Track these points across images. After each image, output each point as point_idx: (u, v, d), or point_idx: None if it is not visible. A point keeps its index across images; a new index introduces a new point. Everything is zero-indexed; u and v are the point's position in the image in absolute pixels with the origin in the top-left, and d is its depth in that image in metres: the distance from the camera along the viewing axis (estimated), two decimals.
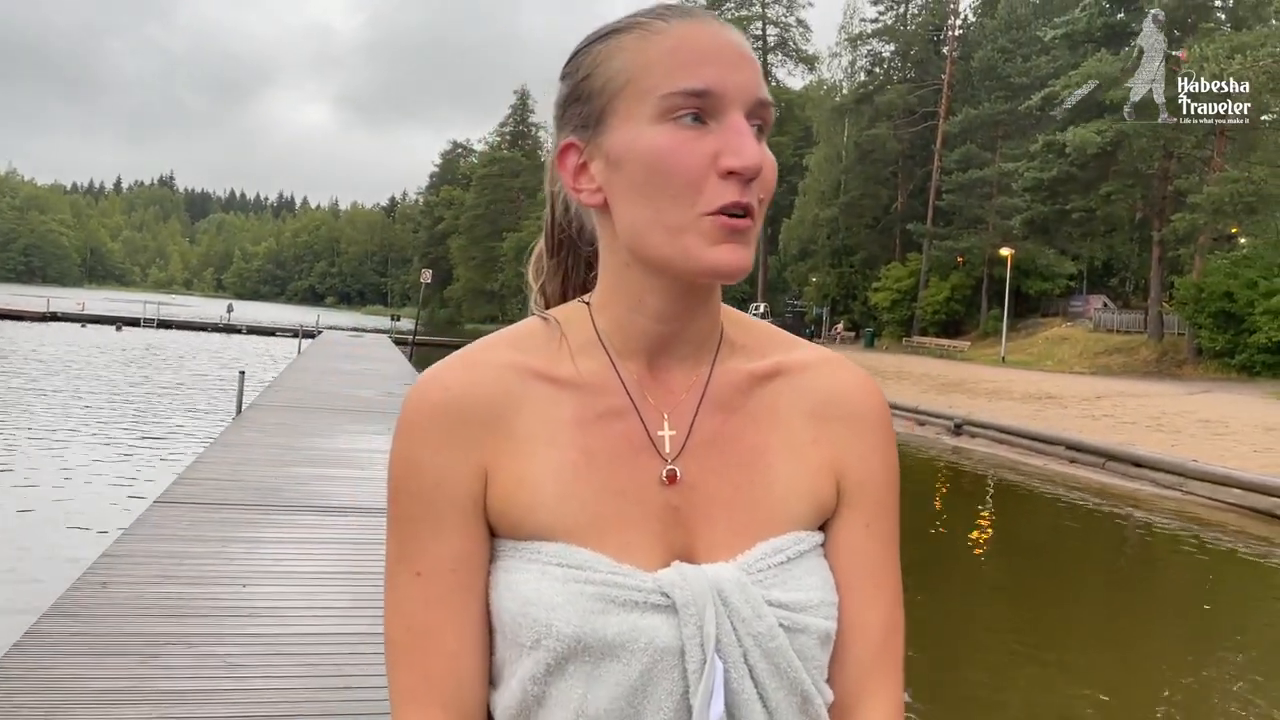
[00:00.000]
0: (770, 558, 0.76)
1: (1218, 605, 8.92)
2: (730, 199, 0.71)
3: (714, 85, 0.72)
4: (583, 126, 0.77)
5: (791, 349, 0.85)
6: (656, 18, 0.76)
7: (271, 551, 5.55)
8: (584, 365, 0.79)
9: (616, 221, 0.77)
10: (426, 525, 0.76)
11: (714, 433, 0.79)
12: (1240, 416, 18.28)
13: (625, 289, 0.79)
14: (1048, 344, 36.62)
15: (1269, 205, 27.57)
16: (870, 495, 0.83)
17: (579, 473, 0.76)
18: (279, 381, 16.67)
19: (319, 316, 56.43)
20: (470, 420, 0.76)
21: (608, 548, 0.74)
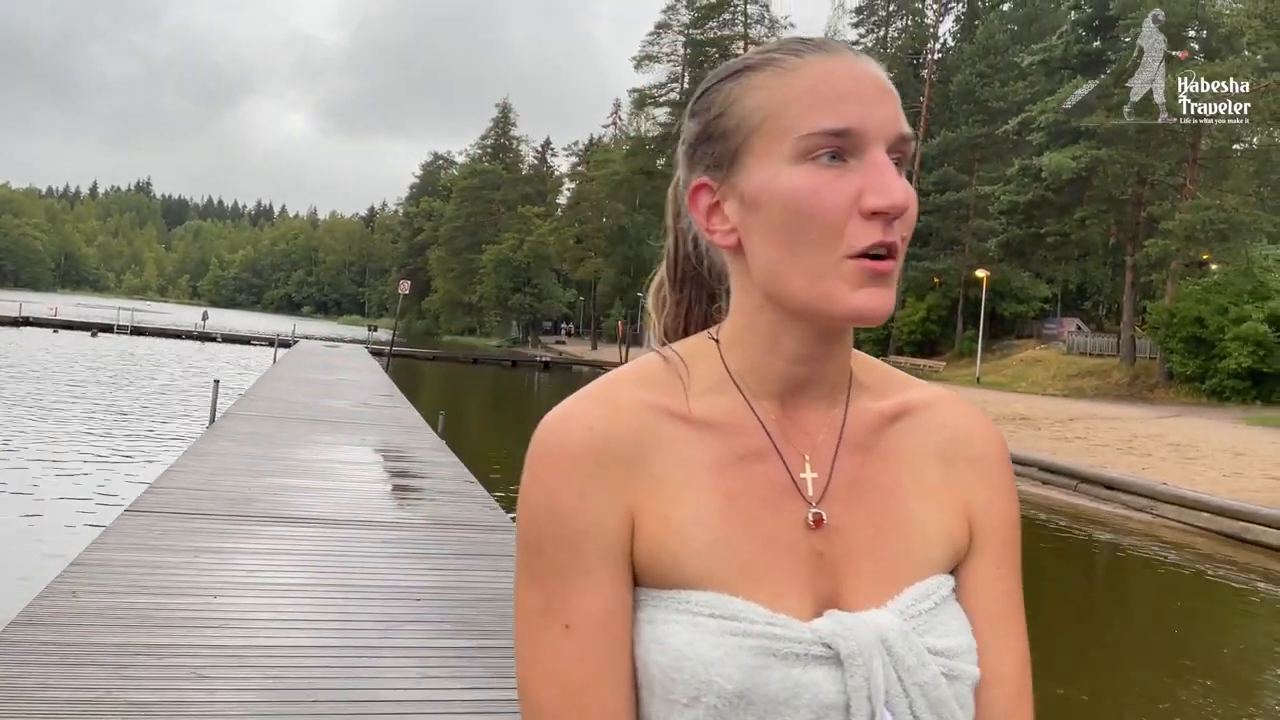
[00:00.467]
0: (920, 603, 0.74)
1: (1188, 628, 9.00)
2: (874, 240, 0.69)
3: (855, 123, 0.69)
4: (715, 166, 0.75)
5: (910, 387, 0.84)
6: (791, 53, 0.73)
7: (242, 562, 5.50)
8: (718, 404, 0.76)
9: (752, 263, 0.75)
10: (576, 575, 0.71)
11: (853, 475, 0.77)
12: (1210, 441, 18.50)
13: (760, 330, 0.76)
14: (1022, 365, 36.95)
15: (1239, 233, 28.01)
16: (997, 536, 0.81)
17: (724, 518, 0.73)
18: (253, 391, 16.54)
19: (295, 326, 56.12)
20: (615, 462, 0.73)
21: (760, 596, 0.71)
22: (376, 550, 6.11)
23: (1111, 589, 10.73)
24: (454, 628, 4.68)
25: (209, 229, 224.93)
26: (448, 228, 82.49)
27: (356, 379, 21.67)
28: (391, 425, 13.18)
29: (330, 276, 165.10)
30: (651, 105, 58.82)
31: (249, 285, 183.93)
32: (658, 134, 58.78)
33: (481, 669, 4.16)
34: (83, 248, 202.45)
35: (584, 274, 69.67)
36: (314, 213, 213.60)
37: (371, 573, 5.56)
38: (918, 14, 53.55)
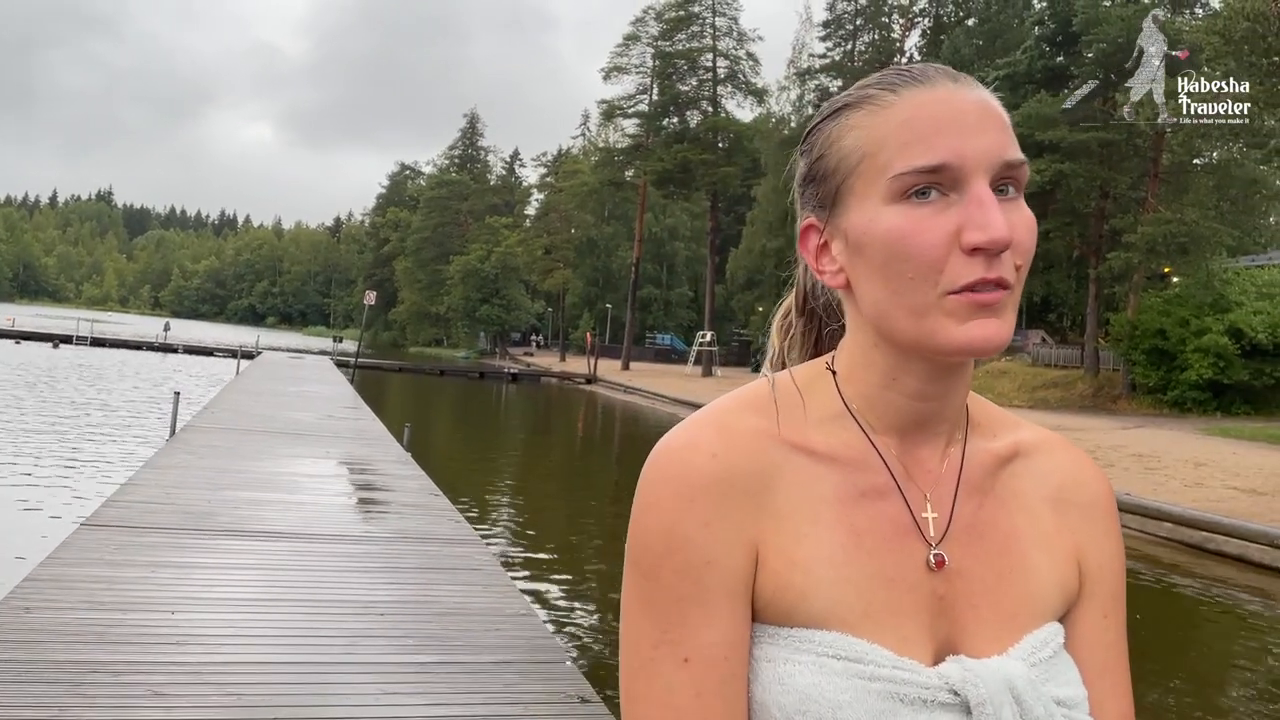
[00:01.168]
0: (1040, 651, 0.73)
1: (1151, 638, 9.07)
2: (976, 276, 0.67)
3: (950, 158, 0.68)
4: (820, 207, 0.76)
5: (1020, 427, 0.83)
6: (886, 89, 0.72)
7: (202, 577, 5.39)
8: (838, 437, 0.75)
9: (860, 302, 0.74)
10: (696, 607, 0.69)
11: (972, 516, 0.76)
12: (1172, 451, 18.75)
13: (876, 365, 0.75)
14: (988, 377, 37.30)
15: (1200, 246, 28.47)
16: (1106, 584, 0.81)
17: (850, 556, 0.71)
18: (216, 403, 16.32)
19: (259, 337, 55.51)
20: (740, 493, 0.71)
21: (885, 639, 0.69)
22: (339, 564, 6.02)
23: None
24: (418, 643, 4.60)
25: (171, 238, 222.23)
26: (415, 238, 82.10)
27: (321, 391, 21.45)
28: (356, 438, 13.05)
29: (295, 287, 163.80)
30: (620, 116, 58.85)
31: (212, 296, 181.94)
32: (626, 145, 58.85)
33: (445, 684, 4.09)
34: (41, 258, 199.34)
35: (552, 285, 69.57)
36: (279, 223, 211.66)
37: (334, 587, 5.48)
38: (885, 29, 54.09)
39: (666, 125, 55.42)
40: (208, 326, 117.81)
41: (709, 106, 54.34)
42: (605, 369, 49.59)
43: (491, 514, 12.32)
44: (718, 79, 54.72)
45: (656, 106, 55.97)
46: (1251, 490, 14.22)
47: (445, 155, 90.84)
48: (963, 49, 44.64)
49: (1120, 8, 32.47)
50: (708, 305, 52.73)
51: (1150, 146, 31.83)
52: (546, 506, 13.89)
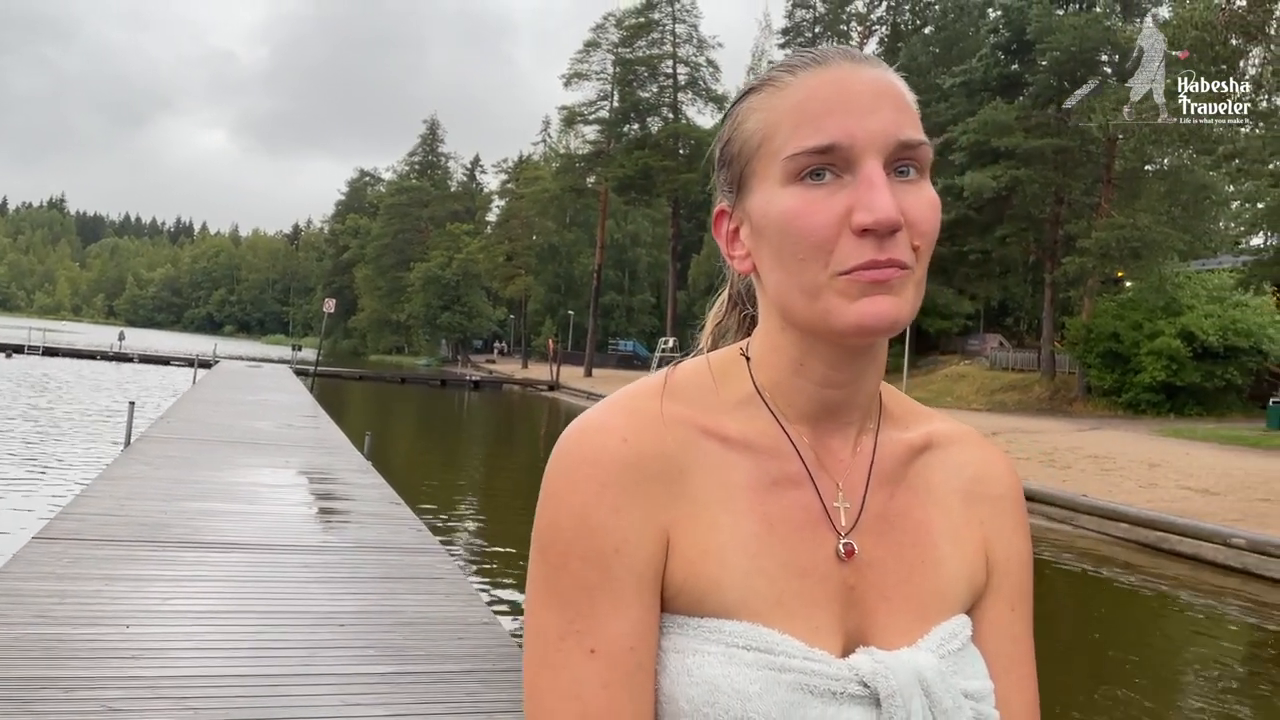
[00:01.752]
0: (949, 643, 0.73)
1: (1106, 635, 9.21)
2: (865, 259, 0.66)
3: (840, 138, 0.67)
4: (729, 192, 0.75)
5: (932, 419, 0.83)
6: (786, 70, 0.72)
7: (158, 589, 5.30)
8: (753, 425, 0.74)
9: (764, 286, 0.74)
10: (605, 596, 0.67)
11: (883, 506, 0.76)
12: (1127, 453, 19.05)
13: (784, 350, 0.75)
14: (947, 381, 37.72)
15: (1152, 251, 28.99)
16: (1012, 578, 0.81)
17: (762, 545, 0.70)
18: (172, 412, 16.06)
19: (216, 345, 54.73)
20: (652, 478, 0.69)
21: (796, 630, 0.68)
22: (298, 575, 5.94)
23: (1035, 600, 10.93)
24: (378, 653, 4.56)
25: (126, 246, 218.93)
26: (375, 245, 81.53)
27: (280, 400, 21.20)
28: (316, 446, 12.90)
29: (253, 295, 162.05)
30: (581, 123, 58.86)
31: (168, 304, 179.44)
32: (587, 152, 58.86)
33: (405, 695, 4.05)
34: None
35: (514, 292, 69.33)
36: (236, 230, 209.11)
37: (293, 598, 5.40)
38: (843, 36, 54.56)
39: (627, 131, 55.54)
40: (164, 335, 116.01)
41: (670, 113, 54.54)
42: (568, 376, 49.50)
43: (454, 522, 12.24)
44: (678, 85, 54.95)
45: (617, 113, 56.06)
46: (1204, 490, 14.49)
47: (405, 161, 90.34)
48: (920, 56, 45.17)
49: (1073, 17, 33.06)
50: (670, 311, 52.83)
51: (1103, 153, 32.39)
52: (509, 514, 13.82)
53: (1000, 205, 35.02)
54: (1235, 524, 11.69)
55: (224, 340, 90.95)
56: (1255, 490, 14.30)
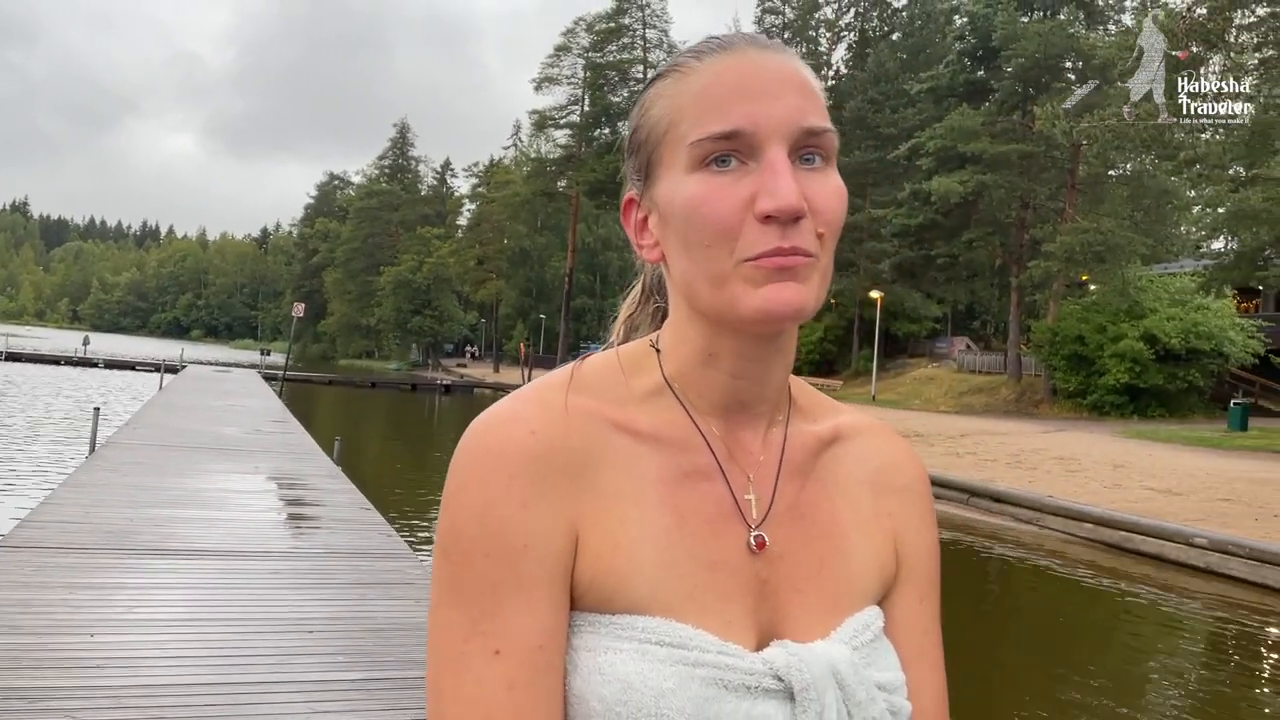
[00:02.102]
0: (861, 635, 0.73)
1: (1072, 634, 9.33)
2: (769, 246, 0.65)
3: (744, 124, 0.66)
4: (638, 180, 0.74)
5: (840, 411, 0.83)
6: (692, 56, 0.71)
7: (124, 598, 5.25)
8: (663, 417, 0.73)
9: (673, 276, 0.73)
10: (510, 593, 0.65)
11: (794, 499, 0.75)
12: (1092, 454, 19.30)
13: (692, 341, 0.73)
14: (915, 383, 38.02)
15: (1115, 255, 29.41)
16: (921, 568, 0.81)
17: (673, 539, 0.69)
18: (138, 418, 15.88)
19: (183, 350, 54.14)
20: (561, 472, 0.67)
21: (709, 624, 0.67)
22: (267, 581, 5.91)
23: (1001, 598, 11.07)
24: (348, 660, 4.55)
25: (91, 250, 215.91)
26: (344, 249, 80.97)
27: (248, 405, 21.02)
28: (285, 452, 12.81)
29: (221, 299, 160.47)
30: (552, 127, 58.90)
31: (134, 309, 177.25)
32: (558, 156, 58.85)
33: (375, 702, 4.05)
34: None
35: (485, 296, 69.15)
36: (203, 234, 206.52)
37: (262, 605, 5.37)
38: (812, 42, 54.93)
39: (598, 136, 55.60)
40: (129, 340, 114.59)
41: None
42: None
43: (424, 527, 12.19)
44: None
45: (588, 117, 56.10)
46: (1167, 490, 14.71)
47: (375, 165, 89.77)
48: (887, 62, 45.56)
49: (1037, 24, 33.46)
50: None
51: (1067, 158, 32.81)
52: None
53: (967, 210, 35.41)
54: (1197, 524, 11.88)
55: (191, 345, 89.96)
56: (1217, 490, 14.53)
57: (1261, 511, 12.75)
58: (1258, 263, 25.21)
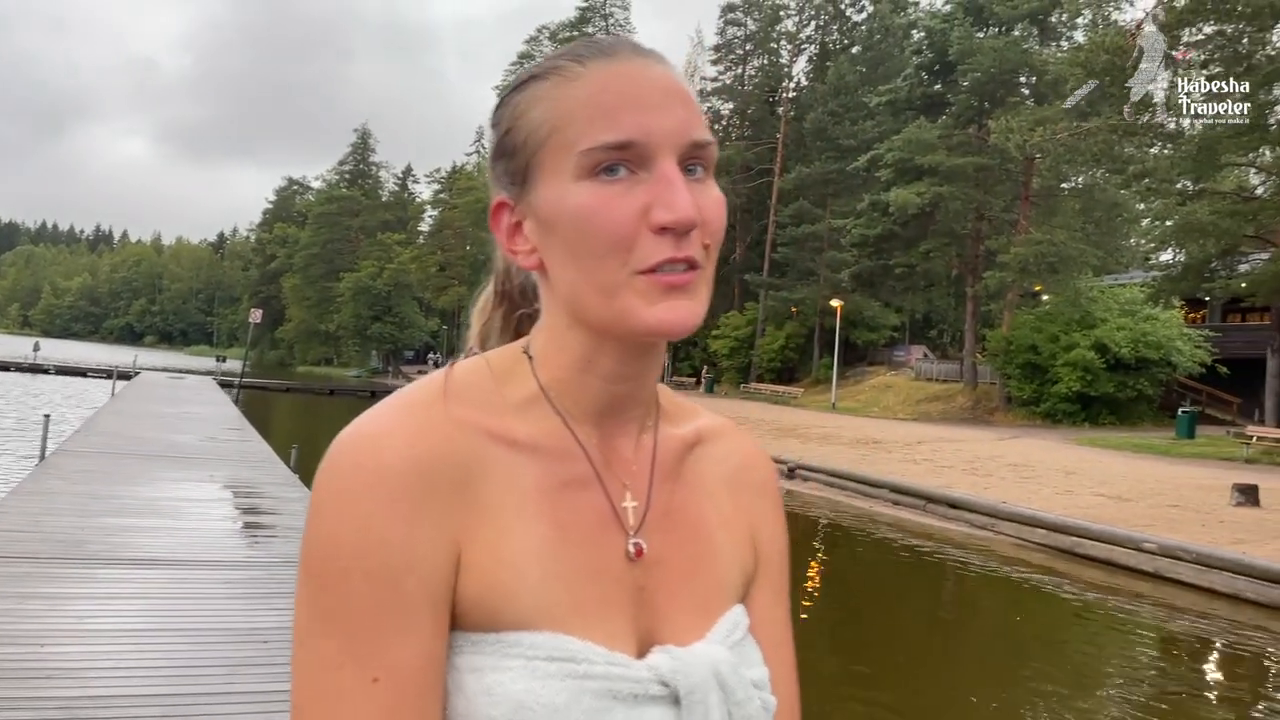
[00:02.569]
0: (733, 634, 0.73)
1: (1024, 637, 9.49)
2: (664, 256, 0.65)
3: (636, 135, 0.66)
4: (511, 184, 0.72)
5: (698, 414, 0.83)
6: (574, 60, 0.69)
7: (74, 608, 5.18)
8: (539, 426, 0.71)
9: (554, 283, 0.71)
10: (391, 617, 0.61)
11: (666, 504, 0.75)
12: (1045, 461, 19.62)
13: (570, 349, 0.72)
14: (874, 391, 38.37)
15: (1068, 266, 29.93)
16: (774, 564, 0.82)
17: (556, 550, 0.67)
18: (90, 425, 15.63)
19: (137, 357, 53.21)
20: (442, 486, 0.65)
21: (595, 635, 0.66)
22: (221, 591, 5.86)
23: (956, 602, 11.22)
24: None
25: (42, 254, 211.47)
26: (303, 255, 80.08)
27: (203, 412, 20.74)
28: (240, 460, 12.68)
29: (176, 305, 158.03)
30: None
31: (86, 314, 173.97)
32: None
33: None
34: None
35: (447, 302, 68.75)
36: (158, 238, 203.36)
37: (215, 615, 5.33)
38: (773, 54, 55.40)
39: None
40: (81, 346, 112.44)
41: None
42: None
43: None
44: None
45: None
46: (1117, 496, 15.00)
47: (335, 170, 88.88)
48: (847, 75, 46.04)
49: (992, 40, 34.00)
50: None
51: (1021, 171, 33.35)
52: None
53: (924, 221, 35.87)
54: (1146, 529, 12.13)
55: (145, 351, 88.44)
56: (1165, 496, 14.85)
57: (1208, 518, 13.05)
58: (1204, 275, 25.77)
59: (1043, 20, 34.57)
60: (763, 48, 55.24)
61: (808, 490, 18.42)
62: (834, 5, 52.46)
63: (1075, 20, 32.00)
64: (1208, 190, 24.33)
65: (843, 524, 15.11)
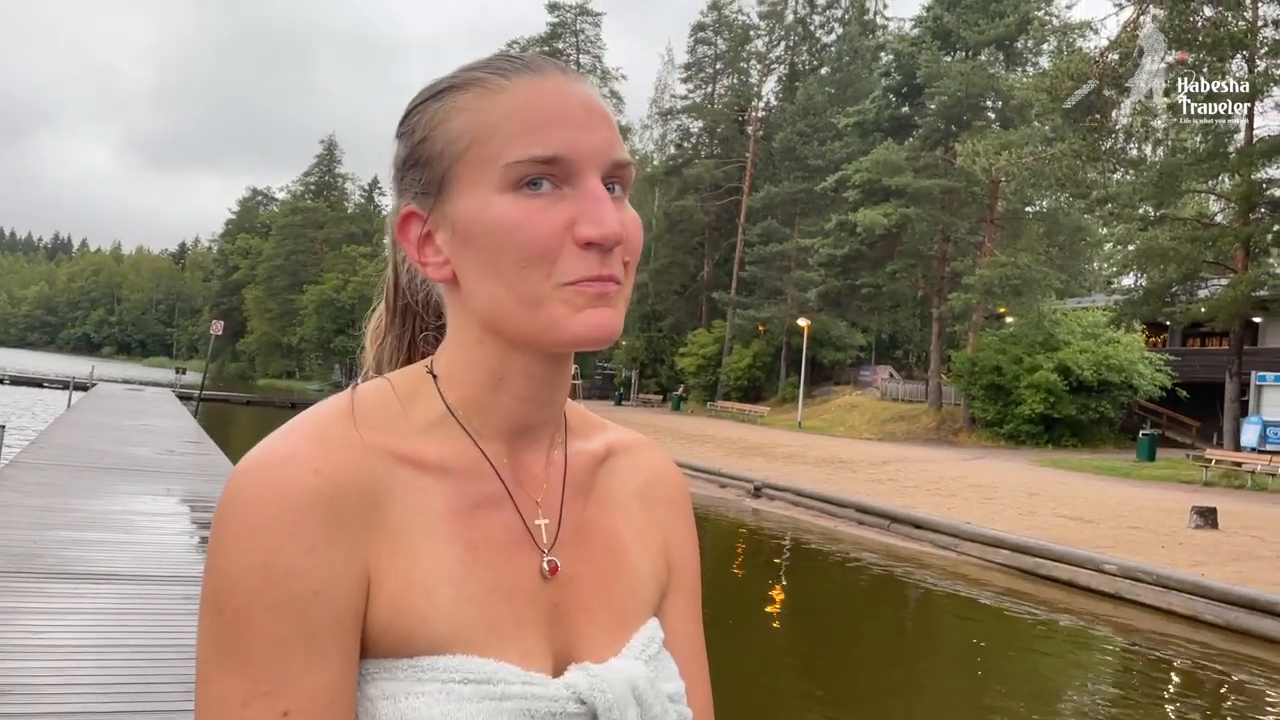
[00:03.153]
0: (649, 648, 0.73)
1: (988, 658, 9.51)
2: (590, 272, 0.66)
3: (564, 150, 0.66)
4: (424, 194, 0.70)
5: (607, 429, 0.83)
6: (496, 73, 0.69)
7: (26, 623, 5.04)
8: (447, 446, 0.71)
9: (468, 296, 0.70)
10: (299, 648, 0.60)
11: (578, 519, 0.75)
12: (1008, 482, 19.79)
13: (480, 365, 0.71)
14: (840, 411, 38.57)
15: (1032, 288, 30.34)
16: (687, 577, 0.82)
17: (468, 571, 0.67)
18: (44, 437, 15.31)
19: (94, 367, 52.39)
20: (350, 511, 0.63)
21: (510, 655, 0.66)
22: (179, 607, 5.72)
23: (919, 623, 11.25)
24: None
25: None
26: (266, 266, 79.45)
27: (161, 425, 20.41)
28: (199, 473, 12.46)
29: (135, 315, 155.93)
30: None
31: (42, 323, 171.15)
32: None
33: None
34: None
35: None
36: (118, 248, 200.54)
37: (172, 631, 5.20)
38: (743, 73, 55.84)
39: None
40: (37, 356, 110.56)
41: None
42: None
43: None
44: None
45: None
46: (1079, 518, 15.14)
47: (301, 181, 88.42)
48: (816, 96, 46.49)
49: (959, 64, 34.51)
50: None
51: (987, 194, 33.81)
52: None
53: (891, 242, 36.22)
54: (1107, 550, 12.24)
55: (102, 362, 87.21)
56: (1126, 519, 15.01)
57: (1168, 540, 13.20)
58: (1165, 299, 26.23)
59: (1009, 46, 35.14)
60: (733, 67, 55.67)
61: (773, 509, 18.43)
62: (804, 27, 53.02)
63: (1041, 46, 32.57)
64: (1169, 216, 24.81)
65: (807, 543, 15.13)
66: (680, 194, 51.17)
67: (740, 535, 15.86)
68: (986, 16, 34.56)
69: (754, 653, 8.92)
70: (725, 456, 24.95)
